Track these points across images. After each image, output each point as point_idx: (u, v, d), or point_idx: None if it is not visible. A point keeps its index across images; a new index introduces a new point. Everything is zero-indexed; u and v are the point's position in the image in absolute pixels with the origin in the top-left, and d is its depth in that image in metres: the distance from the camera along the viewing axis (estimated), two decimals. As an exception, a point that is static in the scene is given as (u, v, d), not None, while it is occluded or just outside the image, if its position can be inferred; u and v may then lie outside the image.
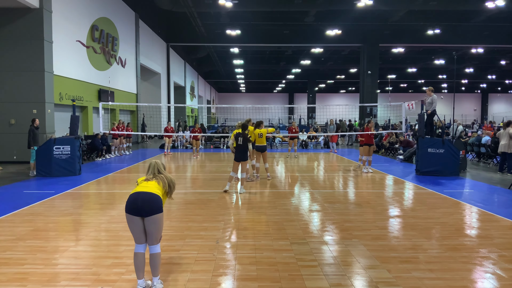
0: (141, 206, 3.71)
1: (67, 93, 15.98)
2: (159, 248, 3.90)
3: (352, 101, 58.82)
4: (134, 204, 3.73)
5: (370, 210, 7.31)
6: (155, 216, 3.75)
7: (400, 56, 38.37)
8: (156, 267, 3.87)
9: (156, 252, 3.85)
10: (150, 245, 3.85)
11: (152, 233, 3.79)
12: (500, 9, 22.30)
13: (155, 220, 3.76)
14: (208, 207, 7.56)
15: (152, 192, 3.79)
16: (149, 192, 3.79)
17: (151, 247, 3.86)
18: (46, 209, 7.29)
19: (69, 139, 11.49)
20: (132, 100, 24.19)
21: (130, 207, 3.74)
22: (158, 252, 3.88)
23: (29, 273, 4.35)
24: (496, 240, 5.55)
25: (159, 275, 3.96)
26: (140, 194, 3.77)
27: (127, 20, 23.00)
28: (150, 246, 3.85)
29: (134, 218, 3.74)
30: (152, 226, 3.76)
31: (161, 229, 3.87)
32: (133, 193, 3.81)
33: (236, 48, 34.04)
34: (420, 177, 11.16)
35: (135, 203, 3.73)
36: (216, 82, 60.77)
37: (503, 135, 11.83)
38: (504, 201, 8.20)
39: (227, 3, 21.68)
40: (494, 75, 50.61)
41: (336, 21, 27.25)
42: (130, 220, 3.78)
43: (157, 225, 3.78)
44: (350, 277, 4.26)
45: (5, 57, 13.81)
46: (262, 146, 10.82)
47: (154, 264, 3.86)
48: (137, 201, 3.73)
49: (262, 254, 4.95)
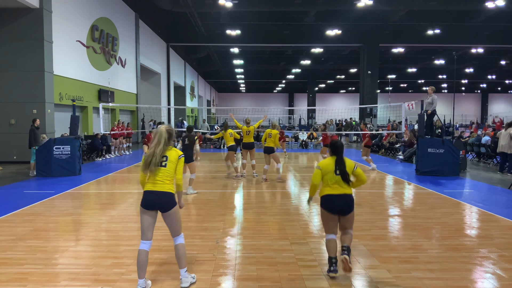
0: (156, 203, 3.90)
1: (67, 93, 15.98)
2: (182, 239, 4.01)
3: (352, 101, 58.82)
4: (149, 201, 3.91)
5: (370, 210, 7.31)
6: (170, 211, 3.93)
7: (400, 56, 38.37)
8: (180, 259, 3.96)
9: (179, 243, 3.98)
10: (174, 237, 4.02)
11: (172, 226, 3.98)
12: (500, 9, 22.30)
13: (172, 214, 3.94)
14: (208, 207, 7.56)
15: (164, 191, 3.90)
16: (162, 191, 3.90)
17: (174, 239, 4.02)
18: (46, 209, 7.29)
19: (69, 139, 11.49)
20: (132, 100, 24.19)
21: (146, 203, 3.91)
22: (182, 242, 3.99)
23: (29, 273, 4.35)
24: (496, 240, 5.55)
25: (186, 267, 4.00)
26: (154, 193, 3.90)
27: (127, 20, 22.99)
28: (174, 238, 4.02)
29: (148, 211, 3.92)
30: (169, 219, 3.95)
31: (179, 221, 4.02)
32: (147, 191, 3.93)
33: (236, 48, 34.03)
34: (420, 177, 11.16)
35: (150, 200, 3.91)
36: (216, 82, 60.77)
37: (503, 136, 11.82)
38: (504, 201, 8.20)
39: (227, 3, 21.67)
40: (494, 75, 50.62)
41: (336, 21, 27.25)
42: (143, 213, 3.92)
43: (174, 217, 3.96)
44: (350, 277, 4.26)
45: (5, 57, 13.81)
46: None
47: (179, 255, 3.96)
48: (151, 199, 3.90)
49: (262, 254, 4.95)
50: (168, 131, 3.98)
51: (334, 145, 4.53)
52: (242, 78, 53.80)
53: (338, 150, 4.49)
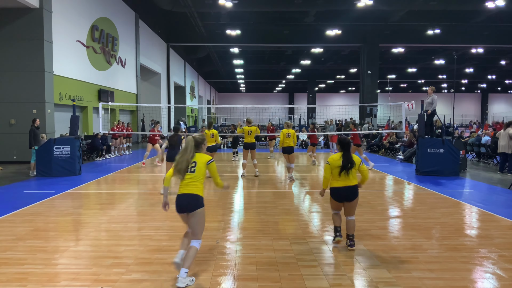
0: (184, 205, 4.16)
1: (67, 93, 15.98)
2: (198, 244, 4.17)
3: (352, 101, 58.77)
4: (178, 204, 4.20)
5: (370, 210, 7.31)
6: (195, 212, 4.14)
7: (400, 56, 38.36)
8: (187, 259, 4.09)
9: (194, 246, 4.15)
10: (191, 239, 4.20)
11: (194, 227, 4.18)
12: (500, 9, 22.29)
13: (196, 215, 4.15)
14: (208, 207, 7.53)
15: (191, 193, 4.15)
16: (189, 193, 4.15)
17: (191, 241, 4.19)
18: (46, 209, 7.29)
19: (69, 139, 11.49)
20: (132, 100, 24.19)
21: (177, 206, 4.20)
22: (196, 247, 4.16)
23: (29, 273, 4.35)
24: (496, 240, 5.55)
25: (188, 269, 4.08)
26: (182, 195, 4.18)
27: (127, 20, 23.00)
28: (191, 240, 4.19)
29: (181, 215, 4.24)
30: (192, 220, 4.16)
31: (202, 224, 4.21)
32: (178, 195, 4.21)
33: (236, 48, 34.02)
34: (420, 177, 11.16)
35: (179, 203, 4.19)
36: (216, 82, 60.75)
37: (502, 136, 11.83)
38: (504, 201, 8.20)
39: (227, 3, 21.67)
40: (494, 75, 50.62)
41: (336, 21, 27.24)
42: (180, 216, 4.26)
43: (197, 219, 4.15)
44: (350, 277, 4.26)
45: (5, 57, 13.81)
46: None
47: (188, 256, 4.09)
48: (180, 201, 4.18)
49: (262, 254, 4.95)
50: (195, 140, 4.26)
51: (343, 141, 5.14)
52: (242, 78, 53.77)
53: (346, 146, 5.12)
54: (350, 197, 5.05)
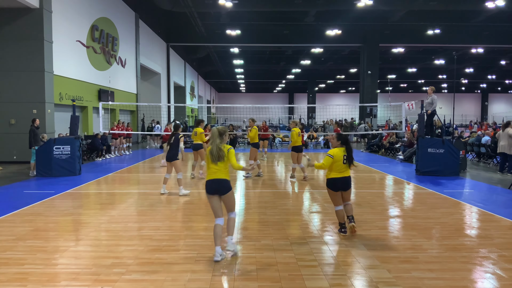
0: (216, 189, 4.81)
1: (67, 93, 15.98)
2: (235, 215, 5.02)
3: (352, 101, 58.76)
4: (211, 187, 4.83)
5: (370, 210, 7.31)
6: (227, 194, 4.84)
7: (400, 56, 38.39)
8: (230, 228, 4.88)
9: (232, 217, 4.94)
10: (228, 212, 4.92)
11: (229, 204, 4.91)
12: (500, 9, 22.31)
13: (229, 196, 4.87)
14: (208, 207, 7.54)
15: (220, 178, 4.81)
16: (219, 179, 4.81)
17: (229, 214, 4.92)
18: (46, 209, 7.29)
19: (69, 139, 11.48)
20: (132, 100, 24.19)
21: (209, 189, 4.83)
22: (234, 217, 4.98)
23: (29, 273, 4.35)
24: (496, 240, 5.55)
25: (232, 235, 4.88)
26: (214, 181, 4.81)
27: (127, 20, 23.00)
28: (229, 213, 4.91)
29: (212, 196, 4.84)
30: (227, 200, 4.88)
31: (234, 201, 4.97)
32: (208, 180, 4.85)
33: (236, 48, 34.04)
34: (420, 177, 11.15)
35: (212, 187, 4.82)
36: (216, 82, 60.78)
37: (502, 136, 11.82)
38: (504, 201, 8.20)
39: (227, 3, 21.68)
40: (494, 75, 50.63)
41: (336, 21, 27.26)
42: (209, 198, 4.87)
43: (230, 199, 4.89)
44: (350, 277, 4.26)
45: (5, 57, 13.81)
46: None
47: (230, 225, 4.89)
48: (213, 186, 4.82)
49: (262, 254, 4.95)
50: (219, 130, 4.88)
51: (345, 138, 5.75)
52: (242, 78, 53.80)
53: (348, 141, 5.74)
54: (345, 187, 5.67)
